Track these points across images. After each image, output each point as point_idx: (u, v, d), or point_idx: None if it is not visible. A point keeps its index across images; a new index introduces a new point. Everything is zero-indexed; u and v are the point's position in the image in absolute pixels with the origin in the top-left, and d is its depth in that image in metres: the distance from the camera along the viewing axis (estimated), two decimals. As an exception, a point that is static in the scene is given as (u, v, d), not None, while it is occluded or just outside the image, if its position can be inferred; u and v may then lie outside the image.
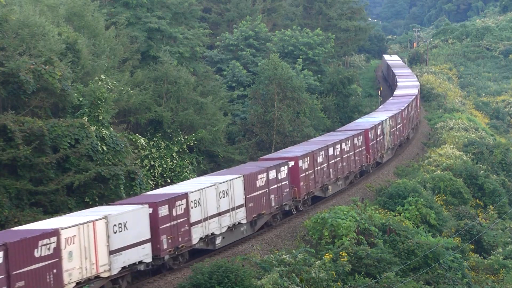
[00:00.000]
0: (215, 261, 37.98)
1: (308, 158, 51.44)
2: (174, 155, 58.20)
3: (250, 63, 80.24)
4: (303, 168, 50.46)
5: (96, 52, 54.61)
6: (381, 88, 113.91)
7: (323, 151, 54.05)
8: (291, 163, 49.39)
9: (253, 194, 44.44)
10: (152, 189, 51.18)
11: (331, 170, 55.20)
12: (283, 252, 42.62)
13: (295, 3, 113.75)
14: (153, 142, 57.71)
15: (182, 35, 69.00)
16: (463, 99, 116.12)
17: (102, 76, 49.50)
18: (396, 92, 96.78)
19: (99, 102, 46.39)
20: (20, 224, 37.52)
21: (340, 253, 43.95)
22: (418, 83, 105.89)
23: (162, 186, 53.89)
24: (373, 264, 43.99)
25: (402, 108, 78.16)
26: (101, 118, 46.37)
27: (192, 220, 39.14)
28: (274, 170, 47.10)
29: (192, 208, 39.11)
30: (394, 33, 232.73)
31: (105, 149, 44.79)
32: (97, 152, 44.11)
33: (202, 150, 62.42)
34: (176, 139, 59.12)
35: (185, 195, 38.84)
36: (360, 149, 61.56)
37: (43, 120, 42.85)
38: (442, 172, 67.09)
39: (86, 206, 41.93)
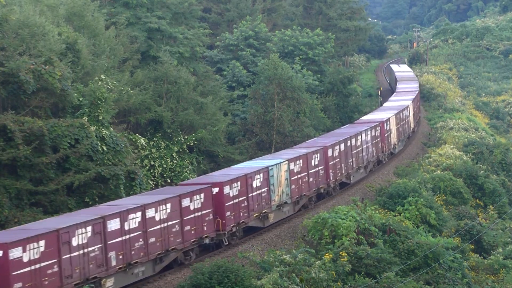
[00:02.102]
0: (215, 261, 37.98)
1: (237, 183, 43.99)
2: (174, 155, 58.21)
3: (250, 63, 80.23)
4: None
5: (96, 52, 54.60)
6: (381, 88, 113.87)
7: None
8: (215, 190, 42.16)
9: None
10: (152, 189, 51.19)
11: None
12: (283, 252, 42.61)
13: (295, 3, 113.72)
14: (153, 142, 57.72)
15: (182, 35, 69.00)
16: (463, 99, 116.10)
17: (102, 76, 49.49)
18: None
19: (99, 102, 46.39)
20: (20, 224, 37.53)
21: (340, 253, 43.94)
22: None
23: (162, 186, 53.93)
24: (373, 264, 43.99)
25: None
26: (101, 118, 46.36)
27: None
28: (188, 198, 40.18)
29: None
30: (394, 33, 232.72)
31: (105, 149, 44.79)
32: (97, 152, 44.11)
33: (202, 150, 62.42)
34: (176, 139, 59.12)
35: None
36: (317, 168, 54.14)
37: (43, 120, 42.85)
38: (442, 172, 67.07)
39: (86, 206, 41.94)
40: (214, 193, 41.72)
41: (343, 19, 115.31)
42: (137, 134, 55.63)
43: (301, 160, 50.33)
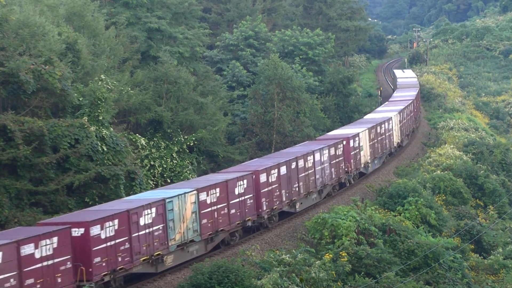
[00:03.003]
0: (215, 261, 38.00)
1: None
2: (174, 155, 58.20)
3: (250, 63, 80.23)
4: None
5: (96, 52, 54.59)
6: (381, 88, 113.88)
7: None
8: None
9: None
10: (152, 189, 51.18)
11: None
12: (283, 252, 42.62)
13: (295, 3, 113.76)
14: (153, 142, 57.71)
15: (182, 35, 68.99)
16: (463, 99, 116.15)
17: (102, 76, 49.49)
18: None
19: (99, 102, 46.39)
20: (20, 225, 37.56)
21: (340, 253, 43.95)
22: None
23: (162, 186, 53.91)
24: (373, 264, 44.00)
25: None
26: (101, 118, 46.37)
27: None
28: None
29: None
30: (394, 33, 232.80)
31: (105, 149, 44.79)
32: (97, 152, 44.11)
33: (202, 150, 62.42)
34: (176, 139, 59.12)
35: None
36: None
37: (43, 120, 42.84)
38: (442, 172, 67.08)
39: (86, 206, 41.94)
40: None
41: (343, 19, 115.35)
42: (137, 134, 55.62)
43: (217, 189, 41.55)
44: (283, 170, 48.10)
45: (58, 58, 46.10)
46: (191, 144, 60.26)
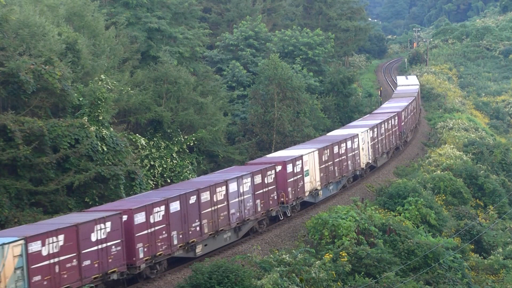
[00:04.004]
0: (215, 261, 38.00)
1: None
2: (174, 155, 58.20)
3: (250, 63, 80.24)
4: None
5: (96, 52, 54.58)
6: (381, 88, 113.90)
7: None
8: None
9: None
10: (152, 189, 51.19)
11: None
12: (283, 252, 42.63)
13: (295, 3, 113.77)
14: (153, 142, 57.72)
15: (182, 35, 68.99)
16: (463, 99, 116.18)
17: (102, 76, 49.51)
18: None
19: (99, 102, 46.39)
20: (20, 224, 37.53)
21: (340, 253, 43.95)
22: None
23: (162, 186, 53.92)
24: (373, 264, 43.99)
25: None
26: (101, 118, 46.37)
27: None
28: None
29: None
30: (394, 33, 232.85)
31: (105, 149, 44.79)
32: (97, 152, 44.11)
33: (202, 150, 62.42)
34: (176, 139, 59.12)
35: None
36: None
37: (43, 120, 42.85)
38: (442, 172, 67.09)
39: (86, 206, 41.95)
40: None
41: (343, 19, 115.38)
42: (137, 134, 55.63)
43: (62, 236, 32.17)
44: (174, 206, 38.53)
45: (58, 58, 46.10)
46: (191, 144, 60.27)
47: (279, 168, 48.24)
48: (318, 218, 47.09)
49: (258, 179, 45.76)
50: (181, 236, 38.90)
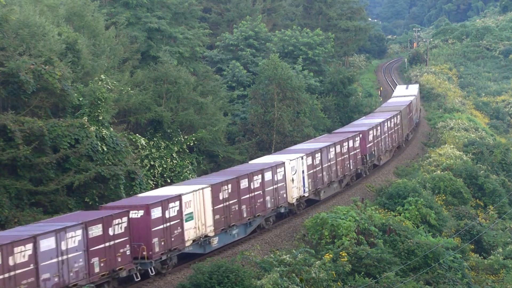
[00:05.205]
0: (215, 261, 37.99)
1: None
2: (174, 155, 58.20)
3: (250, 63, 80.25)
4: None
5: (96, 52, 54.59)
6: (381, 88, 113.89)
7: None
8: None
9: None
10: (152, 189, 51.19)
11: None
12: (283, 252, 42.63)
13: (295, 3, 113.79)
14: (153, 142, 57.71)
15: (182, 35, 69.00)
16: (463, 99, 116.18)
17: (102, 76, 49.51)
18: None
19: (99, 102, 46.40)
20: (20, 224, 37.54)
21: (340, 253, 43.96)
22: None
23: (162, 186, 53.92)
24: (373, 264, 44.00)
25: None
26: (101, 118, 46.38)
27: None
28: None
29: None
30: (394, 33, 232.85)
31: (105, 149, 44.80)
32: (97, 152, 44.12)
33: (202, 150, 62.42)
34: (176, 139, 59.12)
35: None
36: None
37: (43, 120, 42.86)
38: (442, 172, 67.10)
39: (86, 206, 41.96)
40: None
41: (343, 19, 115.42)
42: (137, 134, 55.63)
43: None
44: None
45: (58, 58, 46.11)
46: (191, 144, 60.27)
47: (139, 213, 36.20)
48: (317, 218, 47.09)
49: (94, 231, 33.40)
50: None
